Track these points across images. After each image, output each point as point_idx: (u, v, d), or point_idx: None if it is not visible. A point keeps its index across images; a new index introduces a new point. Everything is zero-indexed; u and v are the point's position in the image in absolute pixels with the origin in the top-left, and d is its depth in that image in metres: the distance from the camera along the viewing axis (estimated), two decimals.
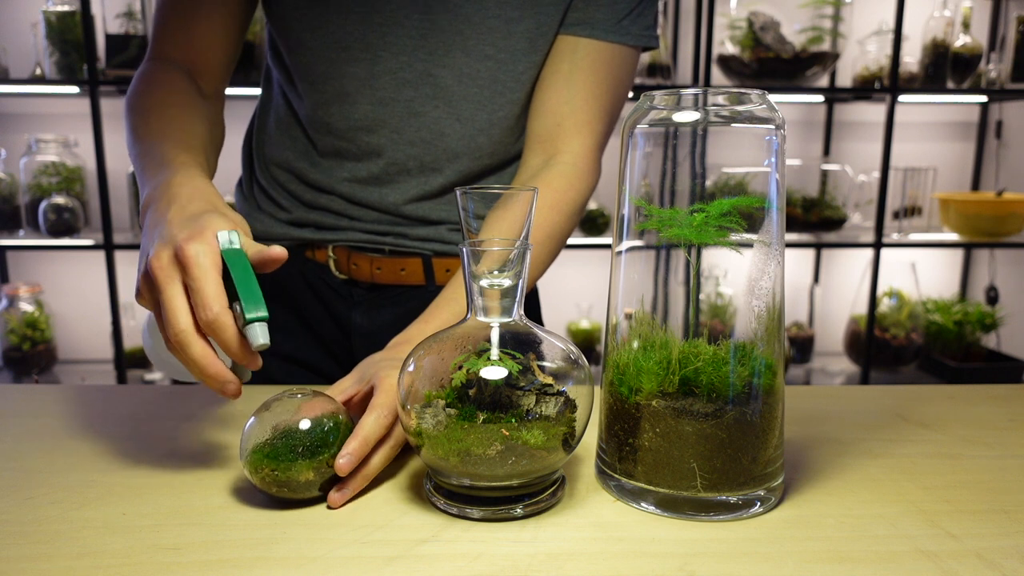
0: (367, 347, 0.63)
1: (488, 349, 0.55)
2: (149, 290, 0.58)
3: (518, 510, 0.56)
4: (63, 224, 2.25)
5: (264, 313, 0.56)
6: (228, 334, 0.55)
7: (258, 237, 0.92)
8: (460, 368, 0.55)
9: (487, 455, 0.53)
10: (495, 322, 0.57)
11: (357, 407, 0.65)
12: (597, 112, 0.81)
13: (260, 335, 0.56)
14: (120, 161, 2.44)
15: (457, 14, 0.78)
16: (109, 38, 2.22)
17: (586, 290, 2.63)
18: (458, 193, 0.57)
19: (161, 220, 0.61)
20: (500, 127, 0.84)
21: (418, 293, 0.89)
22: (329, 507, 0.57)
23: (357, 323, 0.90)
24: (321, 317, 0.92)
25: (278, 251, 0.60)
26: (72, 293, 2.57)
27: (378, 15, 0.79)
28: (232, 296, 0.57)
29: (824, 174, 2.51)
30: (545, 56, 0.81)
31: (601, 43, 0.79)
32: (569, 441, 0.56)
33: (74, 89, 2.22)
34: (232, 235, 0.59)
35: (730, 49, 2.34)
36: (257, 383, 0.91)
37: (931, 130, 2.71)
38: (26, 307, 2.39)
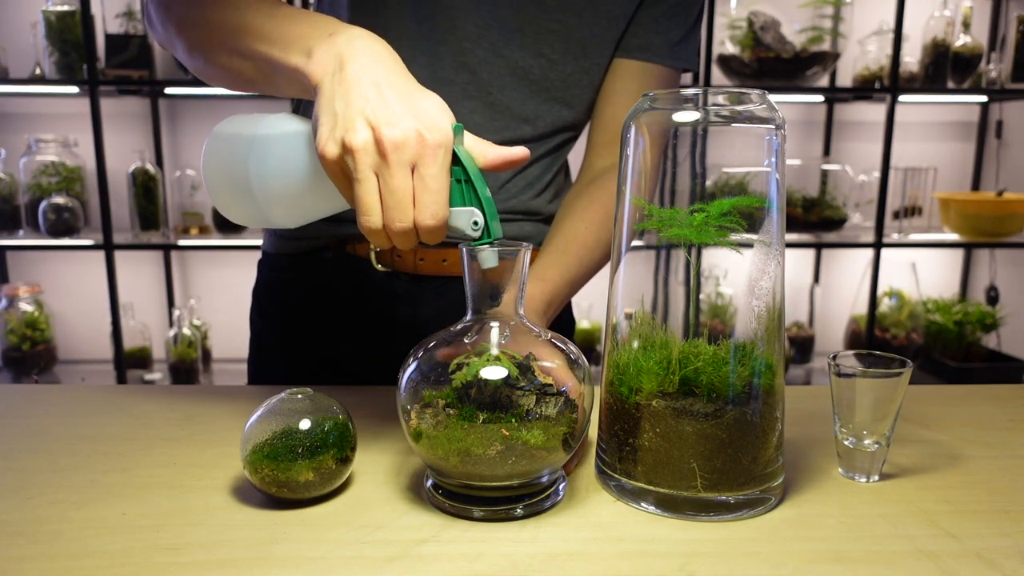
0: (411, 341, 0.62)
1: (488, 349, 0.55)
2: (359, 163, 0.53)
3: (518, 510, 0.56)
4: (63, 224, 2.25)
5: (501, 232, 0.56)
6: (439, 236, 0.55)
7: (295, 235, 0.92)
8: (460, 368, 0.55)
9: (487, 455, 0.53)
10: (495, 322, 0.57)
11: None
12: None
13: (494, 257, 0.54)
14: (120, 161, 2.44)
15: (520, 10, 0.82)
16: (109, 38, 2.22)
17: (586, 290, 2.62)
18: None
19: (374, 86, 0.55)
20: (545, 120, 0.88)
21: (459, 284, 0.88)
22: None
23: (400, 317, 0.90)
24: (363, 315, 0.91)
25: (520, 153, 0.58)
26: (72, 293, 2.57)
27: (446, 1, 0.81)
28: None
29: (824, 174, 2.50)
30: (594, 63, 0.87)
31: (656, 66, 0.88)
32: (569, 441, 0.56)
33: (74, 89, 2.22)
34: (459, 129, 0.55)
35: (730, 49, 2.34)
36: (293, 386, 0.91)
37: (931, 130, 2.71)
38: (26, 307, 2.39)
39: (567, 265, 0.82)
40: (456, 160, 0.55)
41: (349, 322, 0.92)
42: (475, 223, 0.55)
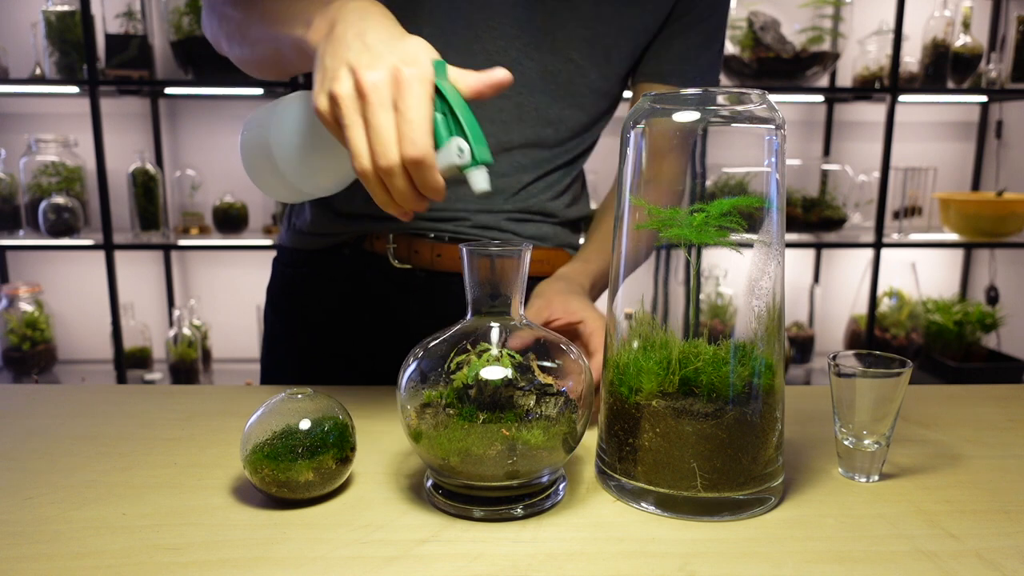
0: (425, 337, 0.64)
1: (488, 349, 0.55)
2: (344, 109, 0.56)
3: (518, 510, 0.56)
4: (63, 224, 2.25)
5: (490, 157, 0.56)
6: (431, 174, 0.56)
7: (312, 232, 0.93)
8: (460, 368, 0.55)
9: (487, 455, 0.53)
10: (495, 322, 0.57)
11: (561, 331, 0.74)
12: (687, 145, 0.95)
13: (484, 180, 0.55)
14: (120, 161, 2.44)
15: (553, 15, 0.84)
16: (109, 38, 2.22)
17: None
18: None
19: (357, 37, 0.58)
20: (566, 125, 0.90)
21: None
22: None
23: (417, 313, 0.91)
24: (378, 312, 0.92)
25: (501, 75, 0.60)
26: (72, 293, 2.57)
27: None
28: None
29: (824, 174, 2.50)
30: (614, 72, 0.89)
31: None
32: (569, 441, 0.56)
33: (74, 89, 2.22)
34: (441, 65, 0.57)
35: (730, 49, 2.34)
36: (307, 384, 0.91)
37: (931, 130, 2.71)
38: (26, 307, 2.39)
39: (608, 257, 0.85)
40: (441, 97, 0.57)
41: (365, 319, 0.93)
42: (460, 149, 0.56)
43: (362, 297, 0.92)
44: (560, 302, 0.76)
